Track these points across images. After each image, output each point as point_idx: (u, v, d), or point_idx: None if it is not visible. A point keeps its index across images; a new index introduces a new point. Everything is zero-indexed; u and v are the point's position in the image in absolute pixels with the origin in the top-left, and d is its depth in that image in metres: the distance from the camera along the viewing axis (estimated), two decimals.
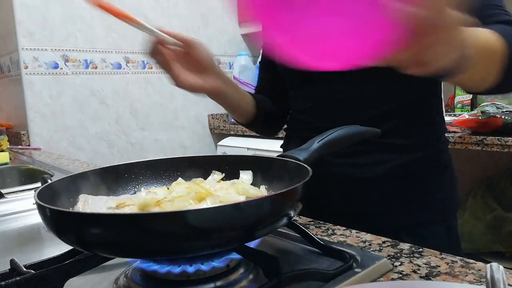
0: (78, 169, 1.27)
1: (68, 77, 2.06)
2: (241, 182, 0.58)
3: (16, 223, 0.79)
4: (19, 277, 0.42)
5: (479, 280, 0.45)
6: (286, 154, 0.57)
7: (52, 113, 2.01)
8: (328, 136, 0.62)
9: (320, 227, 0.65)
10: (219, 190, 0.55)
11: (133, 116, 2.29)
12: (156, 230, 0.37)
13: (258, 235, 0.42)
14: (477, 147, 1.53)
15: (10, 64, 2.05)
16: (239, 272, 0.47)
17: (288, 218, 0.45)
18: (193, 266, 0.44)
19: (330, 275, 0.45)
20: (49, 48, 1.99)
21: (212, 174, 0.62)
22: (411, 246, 0.55)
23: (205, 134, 2.61)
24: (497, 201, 1.78)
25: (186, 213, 0.38)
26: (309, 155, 0.57)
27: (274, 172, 0.58)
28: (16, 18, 1.89)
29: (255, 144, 2.22)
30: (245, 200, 0.40)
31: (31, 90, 1.95)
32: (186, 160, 0.65)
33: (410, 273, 0.47)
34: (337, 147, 0.62)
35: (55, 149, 1.98)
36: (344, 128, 0.64)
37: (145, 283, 0.46)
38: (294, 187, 0.43)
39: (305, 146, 0.59)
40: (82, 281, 0.48)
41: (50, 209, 0.41)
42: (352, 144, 0.64)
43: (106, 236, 0.38)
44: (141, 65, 2.31)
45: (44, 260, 0.48)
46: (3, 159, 1.41)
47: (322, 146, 0.60)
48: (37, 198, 0.43)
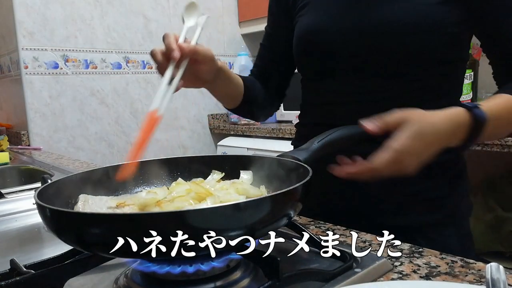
0: (78, 169, 1.27)
1: (68, 77, 2.06)
2: (241, 182, 0.58)
3: (16, 223, 0.79)
4: (19, 277, 0.42)
5: (479, 280, 0.45)
6: (286, 154, 0.57)
7: (52, 113, 2.01)
8: (328, 135, 0.61)
9: (320, 227, 0.65)
10: (219, 190, 0.54)
11: (133, 116, 2.29)
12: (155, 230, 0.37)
13: (258, 235, 0.42)
14: (477, 147, 1.53)
15: (10, 64, 2.05)
16: (239, 272, 0.47)
17: (288, 218, 0.45)
18: (193, 266, 0.44)
19: (330, 275, 0.45)
20: (49, 48, 1.99)
21: (212, 174, 0.62)
22: (411, 246, 0.55)
23: (205, 134, 2.61)
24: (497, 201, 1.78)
25: (186, 213, 0.38)
26: (309, 155, 0.57)
27: (274, 172, 0.58)
28: (16, 18, 1.89)
29: (255, 144, 2.22)
30: (245, 200, 0.40)
31: (31, 90, 1.95)
32: (186, 160, 0.65)
33: (410, 273, 0.47)
34: (338, 147, 0.61)
35: (55, 149, 1.98)
36: (346, 128, 0.63)
37: (145, 283, 0.46)
38: (294, 187, 0.43)
39: (305, 146, 0.59)
40: (82, 281, 0.48)
41: (50, 209, 0.41)
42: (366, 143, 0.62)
43: (106, 236, 0.38)
44: (141, 65, 2.31)
45: (44, 260, 0.48)
46: (3, 159, 1.41)
47: (322, 146, 0.60)
48: (37, 198, 0.43)
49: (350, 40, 0.75)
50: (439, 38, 0.70)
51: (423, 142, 0.60)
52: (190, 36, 0.71)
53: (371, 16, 0.73)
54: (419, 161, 0.61)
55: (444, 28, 0.69)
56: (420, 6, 0.70)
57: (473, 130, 0.64)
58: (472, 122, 0.63)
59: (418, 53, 0.71)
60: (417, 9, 0.70)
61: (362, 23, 0.74)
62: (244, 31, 2.70)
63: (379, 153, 0.58)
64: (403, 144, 0.58)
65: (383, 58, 0.73)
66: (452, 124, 0.62)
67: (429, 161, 0.62)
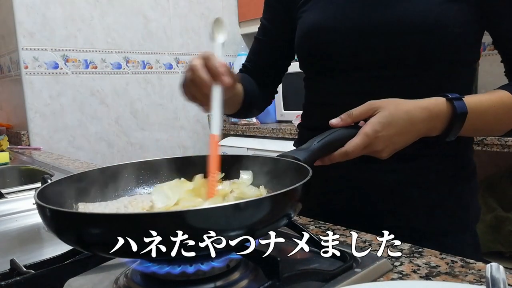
0: (78, 169, 1.27)
1: (68, 77, 2.06)
2: (241, 182, 0.58)
3: (16, 223, 0.79)
4: (19, 277, 0.42)
5: (479, 280, 0.45)
6: (286, 154, 0.57)
7: (52, 113, 2.01)
8: (328, 135, 0.61)
9: (320, 227, 0.65)
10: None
11: (133, 116, 2.29)
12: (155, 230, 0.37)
13: (258, 235, 0.42)
14: (477, 147, 1.53)
15: (10, 64, 2.05)
16: (239, 272, 0.47)
17: (288, 218, 0.45)
18: (193, 266, 0.44)
19: (330, 275, 0.45)
20: (49, 48, 1.99)
21: None
22: (411, 246, 0.55)
23: (205, 134, 2.61)
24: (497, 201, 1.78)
25: (186, 213, 0.38)
26: (309, 155, 0.57)
27: (274, 172, 0.58)
28: (16, 18, 1.89)
29: (255, 144, 2.23)
30: (245, 200, 0.40)
31: (31, 90, 1.95)
32: (187, 160, 0.65)
33: (410, 273, 0.47)
34: (338, 147, 0.61)
35: (55, 149, 1.98)
36: (346, 129, 0.63)
37: (145, 283, 0.46)
38: (294, 187, 0.43)
39: (305, 146, 0.59)
40: (82, 281, 0.48)
41: (50, 209, 0.41)
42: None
43: (105, 236, 0.38)
44: (141, 65, 2.31)
45: (44, 260, 0.48)
46: (3, 159, 1.41)
47: (322, 146, 0.60)
48: (37, 198, 0.43)
49: (363, 39, 0.72)
50: (440, 39, 0.68)
51: (395, 128, 0.61)
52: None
53: (386, 13, 0.71)
54: (392, 147, 0.63)
55: (445, 29, 0.68)
56: (429, 5, 0.68)
57: (452, 120, 0.64)
58: (452, 113, 0.64)
59: (425, 53, 0.69)
60: (425, 9, 0.68)
61: (376, 21, 0.71)
62: (244, 31, 2.71)
63: (353, 138, 0.61)
64: (373, 129, 0.61)
65: (390, 58, 0.71)
66: (428, 112, 0.63)
67: (404, 147, 0.64)
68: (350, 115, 0.63)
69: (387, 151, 0.63)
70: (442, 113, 0.64)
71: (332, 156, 0.62)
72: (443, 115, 0.64)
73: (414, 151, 0.68)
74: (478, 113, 0.66)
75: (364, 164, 0.70)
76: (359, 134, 0.61)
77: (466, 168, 0.79)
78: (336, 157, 0.62)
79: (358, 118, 0.64)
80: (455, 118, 0.64)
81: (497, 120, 0.70)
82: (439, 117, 0.64)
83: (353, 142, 0.61)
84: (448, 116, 0.65)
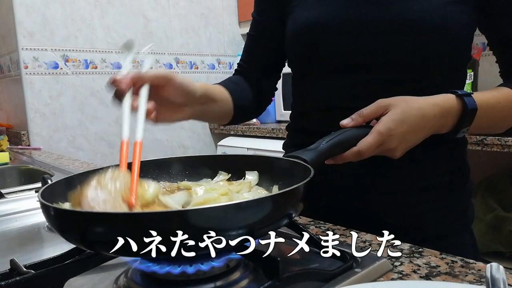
0: (78, 169, 1.27)
1: (68, 77, 2.06)
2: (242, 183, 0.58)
3: (16, 223, 0.79)
4: (19, 277, 0.42)
5: (479, 280, 0.45)
6: (293, 155, 0.56)
7: (52, 113, 2.01)
8: (337, 136, 0.60)
9: (320, 227, 0.65)
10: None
11: (133, 116, 2.28)
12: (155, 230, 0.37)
13: (258, 235, 0.42)
14: (477, 147, 1.53)
15: (10, 64, 2.05)
16: (239, 272, 0.47)
17: (289, 218, 0.45)
18: (193, 266, 0.44)
19: (330, 275, 0.45)
20: (49, 48, 1.99)
21: (218, 174, 0.62)
22: (411, 246, 0.55)
23: (205, 134, 2.61)
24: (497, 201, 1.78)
25: (186, 212, 0.38)
26: (316, 155, 0.56)
27: (279, 172, 0.57)
28: (16, 18, 1.89)
29: (255, 144, 2.23)
30: (245, 200, 0.40)
31: (31, 90, 1.95)
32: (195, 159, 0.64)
33: (410, 273, 0.47)
34: (346, 148, 0.60)
35: (55, 149, 1.98)
36: (356, 128, 0.62)
37: (145, 283, 0.46)
38: (294, 187, 0.43)
39: (313, 146, 0.58)
40: (82, 281, 0.48)
41: (54, 209, 0.41)
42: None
43: (107, 235, 0.38)
44: (141, 65, 2.31)
45: (44, 260, 0.48)
46: (3, 159, 1.41)
47: (330, 146, 0.58)
48: (40, 197, 0.43)
49: (359, 38, 0.69)
50: (442, 40, 0.67)
51: (408, 126, 0.61)
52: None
53: (386, 11, 0.68)
54: (405, 145, 0.62)
55: (447, 30, 0.66)
56: (434, 5, 0.66)
57: (462, 116, 0.64)
58: (462, 109, 0.64)
59: (425, 55, 0.68)
60: (430, 8, 0.66)
61: (375, 19, 0.68)
62: (244, 31, 2.70)
63: (365, 137, 0.60)
64: (387, 127, 0.60)
65: (387, 59, 0.69)
66: (440, 109, 0.63)
67: (415, 145, 0.63)
68: (361, 114, 0.62)
69: (400, 149, 0.62)
70: (453, 109, 0.64)
71: (344, 155, 0.60)
72: (454, 111, 0.64)
73: (413, 154, 0.66)
74: (485, 109, 0.65)
75: (364, 169, 0.70)
76: (372, 133, 0.60)
77: (463, 170, 0.79)
78: (348, 157, 0.60)
79: (369, 117, 0.63)
80: (466, 114, 0.64)
81: (502, 116, 0.70)
82: (450, 113, 0.63)
83: (366, 141, 0.60)
84: (459, 112, 0.64)
